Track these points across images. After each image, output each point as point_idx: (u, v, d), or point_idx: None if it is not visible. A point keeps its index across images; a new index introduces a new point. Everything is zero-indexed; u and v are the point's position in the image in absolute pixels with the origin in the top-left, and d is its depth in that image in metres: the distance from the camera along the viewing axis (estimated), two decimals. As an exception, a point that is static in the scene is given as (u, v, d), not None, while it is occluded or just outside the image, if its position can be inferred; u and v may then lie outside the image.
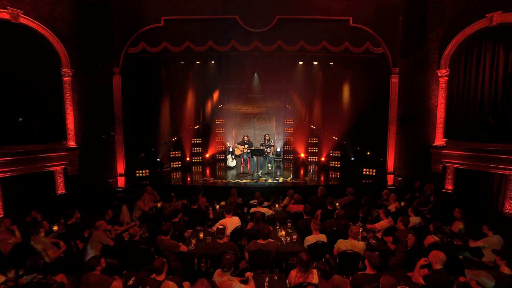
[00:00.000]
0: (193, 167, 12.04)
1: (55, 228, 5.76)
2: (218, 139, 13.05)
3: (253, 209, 6.90)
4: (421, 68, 8.44)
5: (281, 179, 9.70)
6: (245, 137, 10.64)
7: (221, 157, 12.95)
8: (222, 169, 11.73)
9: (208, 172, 11.41)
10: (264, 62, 11.21)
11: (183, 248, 5.10)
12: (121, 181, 9.27)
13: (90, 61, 8.20)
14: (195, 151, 12.48)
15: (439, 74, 7.97)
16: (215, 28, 9.03)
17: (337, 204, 7.53)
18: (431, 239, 5.11)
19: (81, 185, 8.16)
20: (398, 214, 6.72)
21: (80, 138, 8.19)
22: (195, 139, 12.49)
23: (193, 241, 5.35)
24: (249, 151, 10.38)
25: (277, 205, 7.55)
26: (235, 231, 5.85)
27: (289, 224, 6.23)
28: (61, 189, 7.77)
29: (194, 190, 8.59)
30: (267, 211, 6.91)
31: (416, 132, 8.76)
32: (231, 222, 5.95)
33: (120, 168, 9.26)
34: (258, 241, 4.93)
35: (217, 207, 7.49)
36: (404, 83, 9.04)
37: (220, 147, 13.03)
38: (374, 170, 9.93)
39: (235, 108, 14.21)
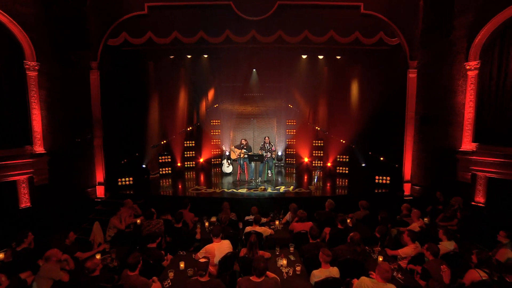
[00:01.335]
0: (186, 173, 10.92)
1: (1, 256, 4.63)
2: (214, 142, 11.92)
3: (248, 228, 5.81)
4: (445, 60, 7.26)
5: (282, 188, 8.54)
6: (243, 141, 9.49)
7: (217, 162, 11.82)
8: (218, 175, 10.60)
9: (202, 178, 10.30)
10: (263, 56, 10.07)
11: (156, 286, 3.98)
12: (100, 191, 8.16)
13: (61, 54, 7.12)
14: (188, 155, 11.35)
15: (468, 67, 6.79)
16: (206, 17, 7.91)
17: (348, 220, 6.39)
18: (476, 274, 3.94)
19: (51, 197, 7.07)
20: (424, 235, 5.58)
21: (50, 142, 7.09)
22: (188, 142, 11.36)
23: (171, 275, 4.26)
24: (246, 155, 9.24)
25: (277, 222, 6.42)
26: (225, 259, 4.72)
27: (291, 248, 5.15)
28: (25, 202, 6.67)
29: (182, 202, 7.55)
30: (265, 231, 5.80)
31: (438, 134, 7.57)
32: (220, 248, 4.83)
33: (100, 176, 8.15)
34: (251, 278, 3.81)
35: (207, 224, 6.37)
36: (423, 78, 7.85)
37: (216, 151, 11.91)
38: (388, 178, 8.74)
39: (233, 108, 13.16)
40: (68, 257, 4.48)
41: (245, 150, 9.37)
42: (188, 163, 11.32)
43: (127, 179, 8.61)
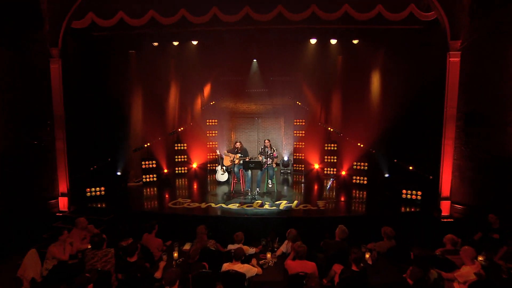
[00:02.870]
0: (177, 180, 9.46)
1: None
2: (210, 144, 10.40)
3: (226, 266, 4.29)
4: (503, 37, 5.35)
5: (283, 204, 6.87)
6: (237, 144, 7.89)
7: (213, 167, 10.27)
8: (214, 184, 9.08)
9: (192, 188, 8.85)
10: (263, 43, 8.38)
11: None
12: (63, 203, 6.82)
13: (7, 36, 5.79)
14: (179, 159, 9.90)
15: (539, 44, 4.88)
16: (188, -10, 6.43)
17: (367, 254, 4.67)
18: None
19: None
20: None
21: (-4, 145, 5.80)
22: (179, 144, 9.90)
23: None
24: (241, 162, 7.65)
25: (269, 255, 4.78)
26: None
27: (282, 304, 3.51)
28: (-43, 220, 5.38)
29: (160, 218, 6.18)
30: (249, 270, 4.25)
31: (491, 137, 5.67)
32: (175, 304, 3.27)
33: (63, 185, 6.82)
34: None
35: (176, 254, 4.81)
36: (470, 63, 5.96)
37: (212, 155, 10.38)
38: (419, 193, 6.86)
39: (234, 106, 11.75)
40: None
41: (240, 155, 7.77)
42: (179, 168, 9.88)
43: (97, 189, 7.23)
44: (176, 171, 9.81)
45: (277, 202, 7.01)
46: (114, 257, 4.45)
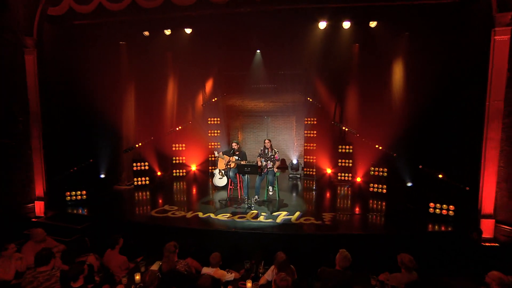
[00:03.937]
0: (175, 184, 8.70)
1: None
2: (212, 145, 9.54)
3: None
4: None
5: (281, 216, 5.80)
6: (234, 144, 6.94)
7: (215, 170, 9.43)
8: (212, 188, 8.21)
9: (189, 192, 8.07)
10: (266, 30, 7.36)
11: None
12: (40, 208, 6.24)
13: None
14: (177, 161, 9.12)
15: None
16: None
17: (378, 291, 3.55)
18: None
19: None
20: None
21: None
22: (177, 145, 9.14)
23: None
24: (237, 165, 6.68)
25: (249, 284, 3.79)
26: None
27: None
28: None
29: (135, 228, 5.49)
30: (217, 308, 3.21)
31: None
32: None
33: (39, 188, 6.23)
34: None
35: (138, 277, 3.95)
36: (523, 41, 4.60)
37: (214, 156, 9.49)
38: (451, 208, 5.50)
39: (241, 103, 10.92)
40: None
41: (236, 158, 6.82)
42: (177, 171, 9.10)
43: (78, 192, 6.59)
44: (174, 174, 9.05)
45: (275, 214, 5.96)
46: (59, 282, 3.67)
